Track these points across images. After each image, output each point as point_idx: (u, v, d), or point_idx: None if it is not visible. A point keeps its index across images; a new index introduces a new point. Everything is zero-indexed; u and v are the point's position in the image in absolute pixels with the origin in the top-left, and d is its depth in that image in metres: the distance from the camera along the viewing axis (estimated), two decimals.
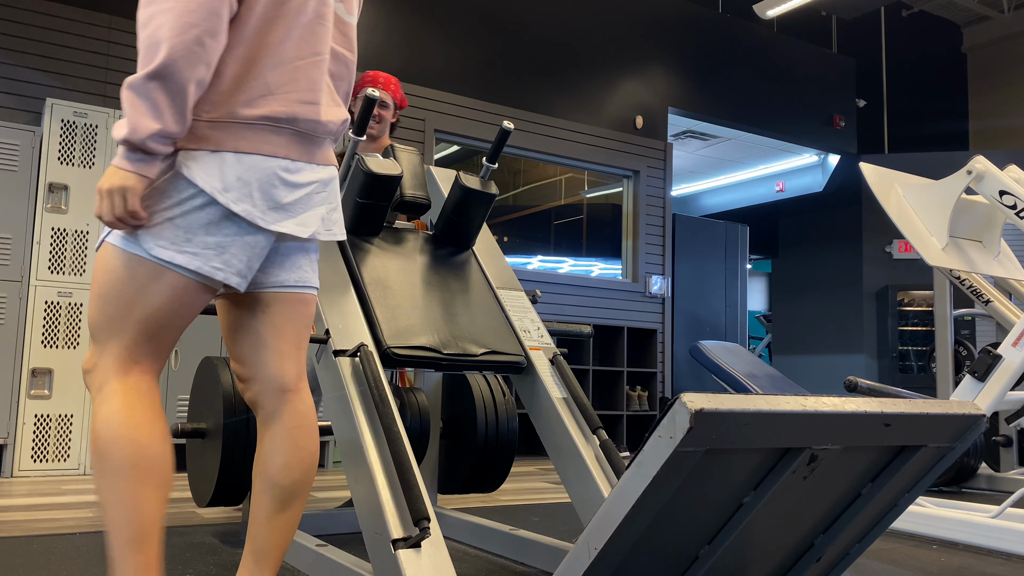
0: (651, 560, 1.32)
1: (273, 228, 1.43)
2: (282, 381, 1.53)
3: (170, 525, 2.77)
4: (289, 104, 1.44)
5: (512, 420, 2.73)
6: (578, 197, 7.19)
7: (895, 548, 2.75)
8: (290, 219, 1.45)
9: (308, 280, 1.56)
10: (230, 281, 1.42)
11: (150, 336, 1.40)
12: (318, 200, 1.51)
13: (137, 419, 1.34)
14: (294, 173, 1.46)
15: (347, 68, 1.59)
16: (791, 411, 1.16)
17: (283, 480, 1.49)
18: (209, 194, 1.37)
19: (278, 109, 1.43)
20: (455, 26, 6.18)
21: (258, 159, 1.41)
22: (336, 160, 1.59)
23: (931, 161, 8.65)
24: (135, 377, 1.39)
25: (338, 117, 1.53)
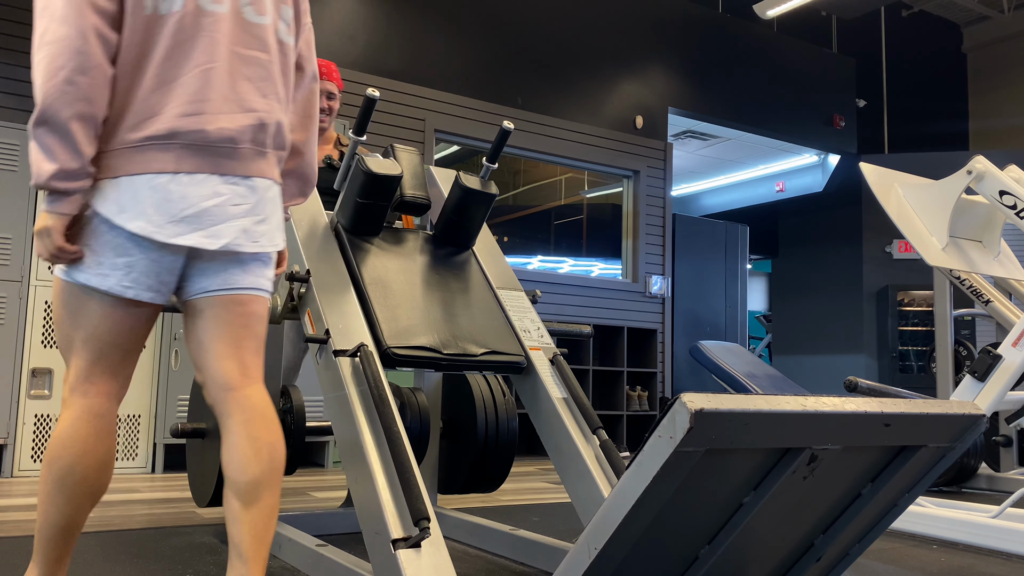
0: (651, 560, 1.32)
1: (173, 241, 1.46)
2: (224, 380, 1.57)
3: (170, 525, 2.77)
4: (169, 120, 1.47)
5: (512, 420, 2.73)
6: (578, 197, 7.19)
7: (895, 548, 2.75)
8: (196, 232, 1.48)
9: (237, 283, 1.57)
10: (141, 297, 1.49)
11: (98, 357, 1.50)
12: (236, 212, 1.53)
13: (79, 445, 1.46)
14: (193, 186, 1.48)
15: (262, 69, 1.58)
16: (791, 411, 1.16)
17: (241, 476, 1.50)
18: (107, 218, 1.45)
19: (159, 127, 1.47)
20: (455, 26, 6.18)
21: (148, 178, 1.46)
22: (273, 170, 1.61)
23: (931, 161, 8.65)
24: (92, 398, 1.50)
25: (246, 122, 1.53)
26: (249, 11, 1.59)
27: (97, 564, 2.18)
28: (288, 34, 1.66)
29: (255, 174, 1.56)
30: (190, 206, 1.48)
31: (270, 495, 1.52)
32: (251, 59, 1.57)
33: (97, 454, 1.48)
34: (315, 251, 2.22)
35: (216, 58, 1.52)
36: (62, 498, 1.46)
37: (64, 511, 1.47)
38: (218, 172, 1.51)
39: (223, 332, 1.58)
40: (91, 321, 1.49)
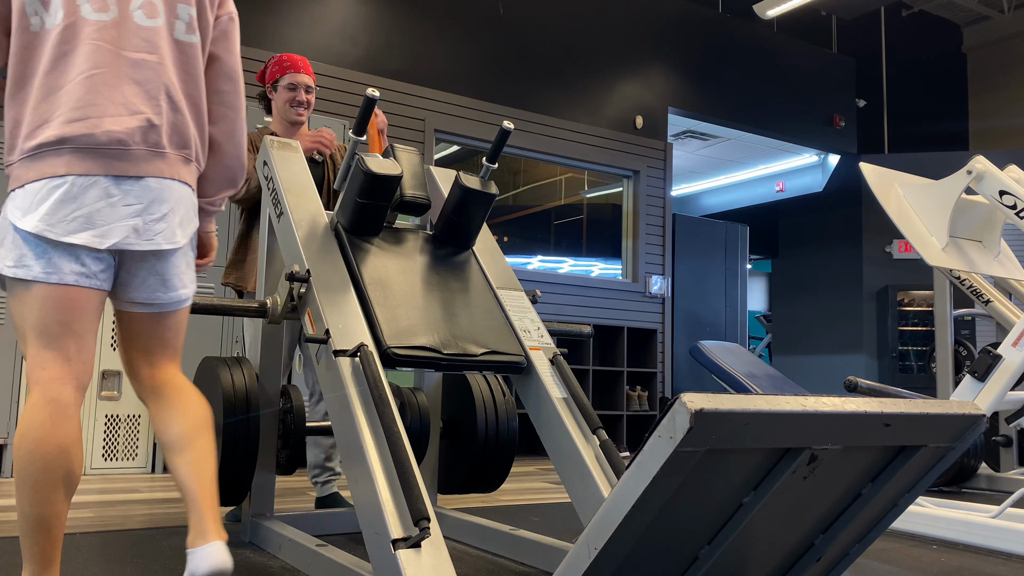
0: (651, 560, 1.32)
1: (65, 240, 1.56)
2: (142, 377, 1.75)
3: (170, 525, 2.77)
4: (58, 127, 1.56)
5: (512, 420, 2.73)
6: (578, 197, 7.19)
7: (895, 548, 2.75)
8: (86, 231, 1.57)
9: (157, 298, 1.70)
10: (66, 281, 1.57)
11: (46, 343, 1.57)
12: (127, 212, 1.60)
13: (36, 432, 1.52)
14: (85, 188, 1.57)
15: (150, 70, 1.64)
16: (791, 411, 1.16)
17: (167, 436, 1.65)
18: (11, 222, 1.56)
19: (49, 134, 1.56)
20: (455, 26, 6.18)
21: (42, 183, 1.56)
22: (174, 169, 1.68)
23: (931, 161, 8.66)
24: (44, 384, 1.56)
25: (133, 124, 1.60)
26: (139, 15, 1.65)
27: (97, 564, 2.18)
28: (188, 32, 1.71)
29: (150, 174, 1.62)
30: (82, 207, 1.56)
31: (201, 444, 1.65)
32: (139, 62, 1.63)
33: (56, 439, 1.51)
34: (315, 251, 2.22)
35: (101, 64, 1.59)
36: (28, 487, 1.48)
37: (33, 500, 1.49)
38: (110, 173, 1.58)
39: (144, 338, 1.74)
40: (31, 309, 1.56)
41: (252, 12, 5.32)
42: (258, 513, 2.52)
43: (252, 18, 5.31)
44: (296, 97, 2.98)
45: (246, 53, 5.21)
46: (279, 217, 2.36)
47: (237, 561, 2.25)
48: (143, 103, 1.62)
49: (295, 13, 5.47)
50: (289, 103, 2.98)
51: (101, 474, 4.19)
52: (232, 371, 2.43)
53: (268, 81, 3.05)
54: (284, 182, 2.39)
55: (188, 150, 1.70)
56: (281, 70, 3.01)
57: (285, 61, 3.03)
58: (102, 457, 4.22)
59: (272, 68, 3.03)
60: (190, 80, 1.71)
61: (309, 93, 3.02)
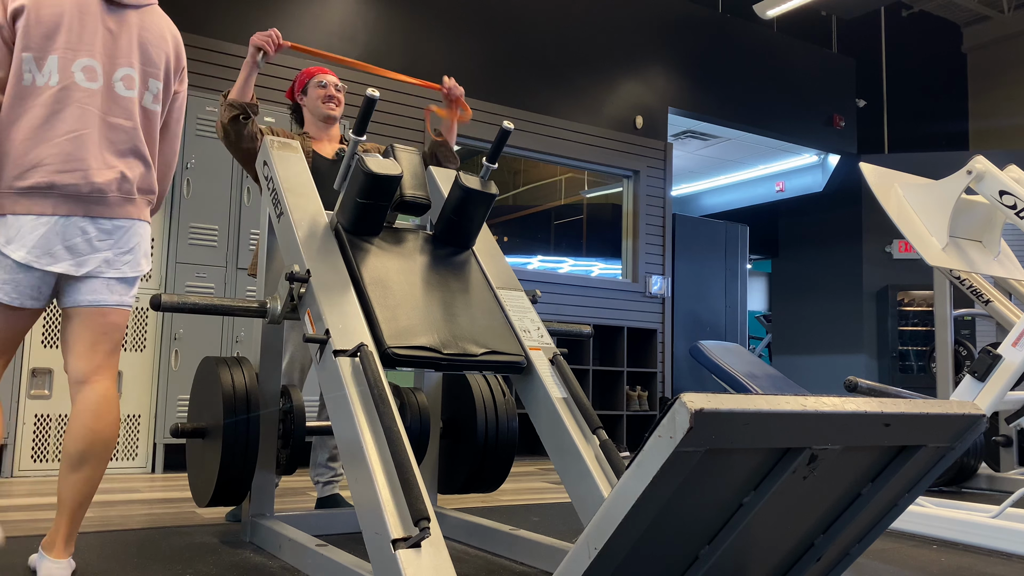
0: (651, 560, 1.32)
1: (49, 269, 1.91)
2: (78, 375, 1.99)
3: (170, 525, 2.77)
4: (49, 175, 1.89)
5: (512, 420, 2.73)
6: (578, 197, 7.19)
7: (895, 548, 2.75)
8: (66, 261, 1.93)
9: (103, 299, 2.00)
10: (25, 305, 1.93)
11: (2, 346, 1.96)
12: (101, 246, 1.97)
13: None
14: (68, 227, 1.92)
15: (125, 133, 2.01)
16: (791, 411, 1.16)
17: (70, 448, 1.93)
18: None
19: (40, 179, 1.89)
20: (455, 26, 6.18)
21: (32, 218, 1.89)
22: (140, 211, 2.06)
23: (931, 161, 8.66)
24: None
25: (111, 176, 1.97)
26: (120, 86, 2.01)
27: (97, 564, 2.18)
28: (154, 102, 2.09)
29: (121, 216, 2.00)
30: (64, 240, 1.91)
31: (90, 470, 1.95)
32: (117, 125, 2.00)
33: None
34: (315, 251, 2.22)
35: (88, 125, 1.95)
36: None
37: None
38: (89, 215, 1.95)
39: (83, 336, 2.00)
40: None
41: (252, 12, 5.32)
42: (258, 513, 2.52)
43: (252, 18, 5.31)
44: (327, 92, 3.06)
45: (245, 53, 5.21)
46: (279, 217, 2.37)
47: (237, 561, 2.25)
48: (118, 160, 2.00)
49: (295, 13, 5.47)
50: (320, 100, 3.05)
51: None
52: (232, 371, 2.43)
53: (297, 90, 3.14)
54: (284, 182, 2.39)
55: (152, 195, 2.10)
56: (308, 75, 3.12)
57: (312, 69, 3.14)
58: None
59: (300, 78, 3.14)
60: (151, 140, 2.10)
61: (339, 91, 3.09)
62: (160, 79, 2.09)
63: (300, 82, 3.13)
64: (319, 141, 3.06)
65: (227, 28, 5.22)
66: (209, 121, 4.61)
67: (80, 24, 1.96)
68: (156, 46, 2.08)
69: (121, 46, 2.02)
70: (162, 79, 2.09)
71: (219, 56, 5.14)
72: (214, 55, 5.12)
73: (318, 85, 3.07)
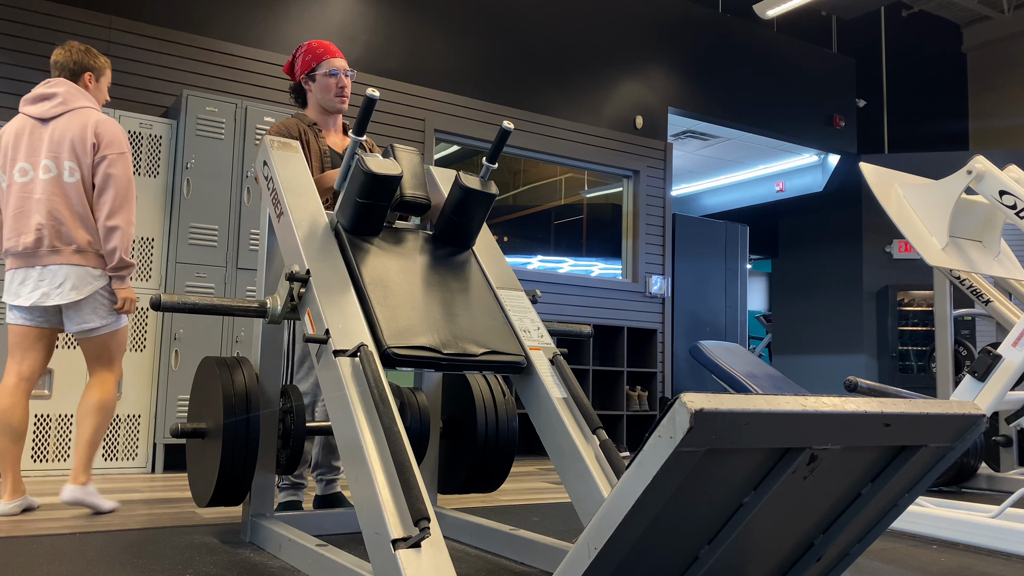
0: (651, 560, 1.32)
1: (14, 303, 2.91)
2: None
3: (170, 525, 2.77)
4: (6, 243, 2.93)
5: (512, 420, 2.73)
6: (578, 197, 7.19)
7: (895, 548, 2.75)
8: (21, 297, 2.87)
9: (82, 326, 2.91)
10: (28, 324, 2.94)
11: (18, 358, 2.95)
12: (40, 284, 2.87)
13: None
14: (21, 275, 2.90)
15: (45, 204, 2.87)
16: (791, 411, 1.16)
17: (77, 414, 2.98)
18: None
19: (6, 246, 2.93)
20: (455, 26, 6.18)
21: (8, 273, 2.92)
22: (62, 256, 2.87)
23: (931, 161, 8.66)
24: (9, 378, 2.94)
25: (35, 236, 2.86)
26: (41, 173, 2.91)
27: (97, 564, 2.18)
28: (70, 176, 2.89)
29: (50, 263, 2.87)
30: (17, 284, 2.90)
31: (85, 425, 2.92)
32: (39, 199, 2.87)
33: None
34: (315, 251, 2.22)
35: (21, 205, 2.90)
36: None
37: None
38: (33, 265, 2.88)
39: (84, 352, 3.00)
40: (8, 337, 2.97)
41: (252, 12, 5.32)
42: (258, 513, 2.52)
43: (252, 18, 5.31)
44: (339, 83, 2.94)
45: (245, 53, 5.22)
46: (279, 217, 2.37)
47: (237, 561, 2.25)
48: (41, 222, 2.85)
49: (295, 13, 5.47)
50: (332, 92, 2.94)
51: (101, 474, 4.19)
52: (232, 371, 2.43)
53: (301, 71, 2.98)
54: (284, 182, 2.39)
55: (74, 245, 2.86)
56: (316, 58, 2.95)
57: (318, 48, 2.95)
58: (102, 457, 4.22)
59: (304, 57, 2.97)
60: (73, 204, 2.88)
61: (348, 77, 2.97)
62: (73, 159, 2.88)
63: (306, 63, 2.97)
64: (328, 133, 3.01)
65: (227, 28, 5.22)
66: (209, 121, 4.61)
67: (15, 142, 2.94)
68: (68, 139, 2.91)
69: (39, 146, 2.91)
70: (75, 159, 2.88)
71: (219, 56, 5.14)
72: (214, 55, 5.12)
73: (329, 74, 2.94)
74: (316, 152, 2.92)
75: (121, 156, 2.92)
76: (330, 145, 2.98)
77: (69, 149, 2.89)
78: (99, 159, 2.89)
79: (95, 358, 2.97)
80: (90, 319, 2.89)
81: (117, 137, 2.93)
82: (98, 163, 2.89)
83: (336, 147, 2.99)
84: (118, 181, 2.88)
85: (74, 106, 2.94)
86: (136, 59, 4.88)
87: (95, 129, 2.91)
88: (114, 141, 2.91)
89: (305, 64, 2.98)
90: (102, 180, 2.88)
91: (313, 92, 2.99)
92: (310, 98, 3.01)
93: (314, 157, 2.91)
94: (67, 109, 2.93)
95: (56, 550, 2.32)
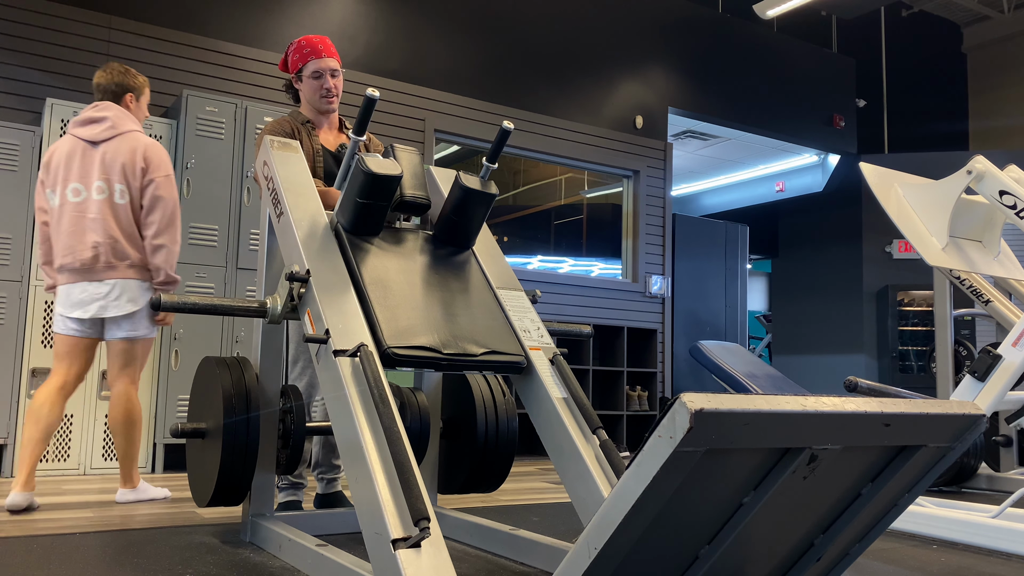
0: (651, 560, 1.32)
1: (70, 315, 3.11)
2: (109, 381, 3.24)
3: (170, 525, 2.77)
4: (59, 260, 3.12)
5: (512, 420, 2.73)
6: (578, 197, 7.19)
7: (895, 548, 2.75)
8: (78, 310, 3.10)
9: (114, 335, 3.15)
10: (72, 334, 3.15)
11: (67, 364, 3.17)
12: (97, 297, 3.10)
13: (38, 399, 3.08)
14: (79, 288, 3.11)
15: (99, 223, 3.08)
16: (791, 411, 1.16)
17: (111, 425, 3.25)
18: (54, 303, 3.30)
19: (60, 262, 3.11)
20: (455, 26, 6.18)
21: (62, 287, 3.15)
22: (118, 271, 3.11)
23: (931, 161, 8.66)
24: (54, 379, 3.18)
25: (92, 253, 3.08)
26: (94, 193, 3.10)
27: (97, 564, 2.18)
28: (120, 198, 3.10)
29: (106, 278, 3.10)
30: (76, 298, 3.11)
31: (118, 437, 3.20)
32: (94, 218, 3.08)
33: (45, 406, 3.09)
34: (315, 251, 2.22)
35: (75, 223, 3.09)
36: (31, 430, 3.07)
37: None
38: (87, 280, 3.10)
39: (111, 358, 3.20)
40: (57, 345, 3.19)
41: (252, 12, 5.32)
42: (258, 513, 2.52)
43: (252, 18, 5.31)
44: (324, 85, 2.91)
45: (246, 53, 5.22)
46: (279, 217, 2.36)
47: (237, 561, 2.25)
48: (97, 240, 3.07)
49: (295, 13, 5.47)
50: (318, 95, 2.92)
51: (101, 474, 4.19)
52: (232, 371, 2.43)
53: (292, 70, 2.97)
54: (284, 182, 2.39)
55: (128, 260, 3.11)
56: (302, 58, 2.92)
57: (305, 47, 2.93)
58: (102, 457, 4.22)
59: (293, 56, 2.95)
60: (123, 223, 3.11)
61: (335, 77, 2.94)
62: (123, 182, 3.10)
63: (294, 62, 2.96)
64: (322, 130, 3.01)
65: (227, 28, 5.22)
66: (209, 121, 4.61)
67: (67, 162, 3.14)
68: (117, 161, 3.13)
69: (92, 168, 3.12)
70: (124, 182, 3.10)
71: (219, 56, 5.14)
72: (214, 55, 5.12)
73: (313, 76, 2.92)
74: (308, 151, 2.90)
75: (167, 179, 3.13)
76: (324, 144, 2.96)
77: (120, 172, 3.08)
78: (147, 182, 3.10)
79: (125, 364, 3.17)
80: (137, 327, 3.15)
81: (164, 160, 3.15)
82: (146, 185, 3.10)
83: (329, 145, 2.97)
84: (165, 203, 3.10)
85: (123, 130, 3.13)
86: (136, 59, 4.88)
87: (144, 153, 3.11)
88: (161, 164, 3.13)
89: (293, 63, 2.97)
90: (150, 201, 3.09)
91: (303, 91, 2.99)
92: (302, 96, 3.00)
93: (306, 156, 2.90)
94: (116, 133, 3.12)
95: (56, 550, 2.32)
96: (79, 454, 4.15)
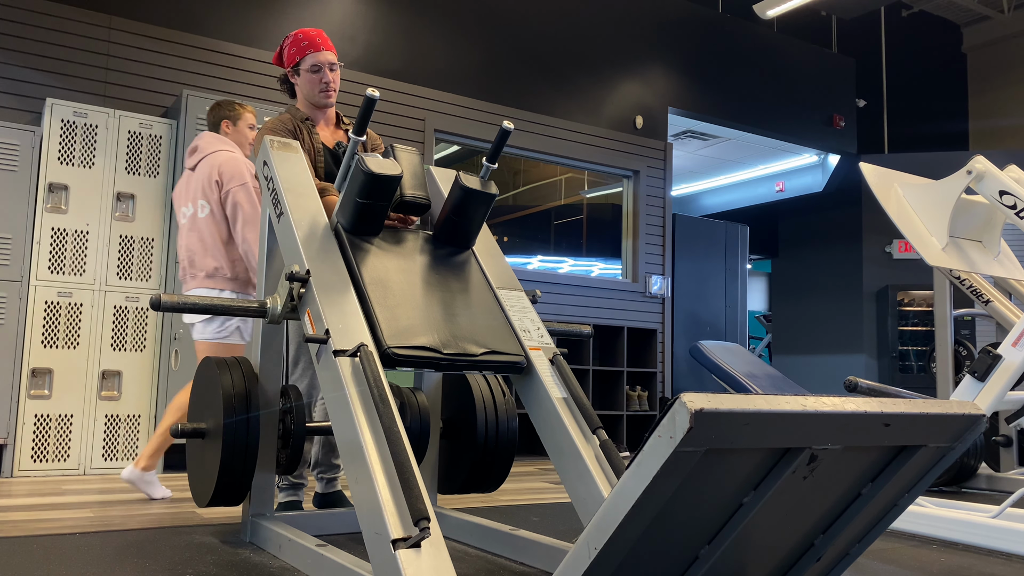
0: (651, 560, 1.32)
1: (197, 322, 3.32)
2: None
3: (170, 525, 2.77)
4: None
5: (512, 420, 2.73)
6: (578, 197, 7.19)
7: (895, 548, 2.75)
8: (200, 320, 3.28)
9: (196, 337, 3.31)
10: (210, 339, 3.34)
11: None
12: None
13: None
14: None
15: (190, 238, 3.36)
16: (791, 411, 1.16)
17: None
18: None
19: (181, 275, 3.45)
20: (455, 26, 6.18)
21: None
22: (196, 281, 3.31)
23: (931, 161, 8.66)
24: None
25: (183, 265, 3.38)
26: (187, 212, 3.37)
27: (97, 564, 2.18)
28: (201, 212, 3.30)
29: (186, 289, 3.33)
30: None
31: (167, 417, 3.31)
32: (186, 232, 3.36)
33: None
34: (315, 251, 2.22)
35: (180, 236, 3.40)
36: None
37: None
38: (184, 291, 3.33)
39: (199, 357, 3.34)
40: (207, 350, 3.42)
41: (252, 12, 5.32)
42: (258, 513, 2.52)
43: (252, 18, 5.31)
44: (322, 79, 2.87)
45: (245, 53, 5.22)
46: (279, 217, 2.36)
47: (237, 561, 2.25)
48: (182, 256, 3.35)
49: (295, 13, 5.47)
50: (316, 89, 2.88)
51: (101, 474, 4.19)
52: (232, 371, 2.43)
53: (287, 64, 2.93)
54: (284, 182, 2.39)
55: (204, 271, 3.27)
56: (300, 51, 2.88)
57: (302, 40, 2.88)
58: (102, 457, 4.22)
59: (289, 50, 2.91)
60: (204, 236, 3.29)
61: (333, 71, 2.89)
62: (204, 198, 3.31)
63: (290, 55, 2.90)
64: (319, 127, 2.95)
65: (227, 28, 5.22)
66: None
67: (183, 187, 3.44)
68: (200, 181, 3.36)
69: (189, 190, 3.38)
70: (204, 198, 3.31)
71: (219, 56, 5.14)
72: (214, 55, 5.12)
73: (312, 70, 2.86)
74: (309, 150, 2.87)
75: (242, 187, 3.28)
76: (323, 141, 2.93)
77: (201, 190, 3.33)
78: (225, 193, 3.29)
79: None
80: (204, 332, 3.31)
81: (238, 171, 3.30)
82: (225, 197, 3.29)
83: (327, 142, 2.92)
84: (244, 208, 3.26)
85: (207, 152, 3.38)
86: (136, 59, 4.88)
87: (219, 168, 3.31)
88: (235, 175, 3.29)
89: (290, 57, 2.91)
90: (231, 210, 3.27)
91: (300, 86, 2.93)
92: (298, 91, 2.95)
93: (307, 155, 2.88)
94: (202, 156, 3.38)
95: (56, 550, 2.32)
96: (79, 454, 4.15)
